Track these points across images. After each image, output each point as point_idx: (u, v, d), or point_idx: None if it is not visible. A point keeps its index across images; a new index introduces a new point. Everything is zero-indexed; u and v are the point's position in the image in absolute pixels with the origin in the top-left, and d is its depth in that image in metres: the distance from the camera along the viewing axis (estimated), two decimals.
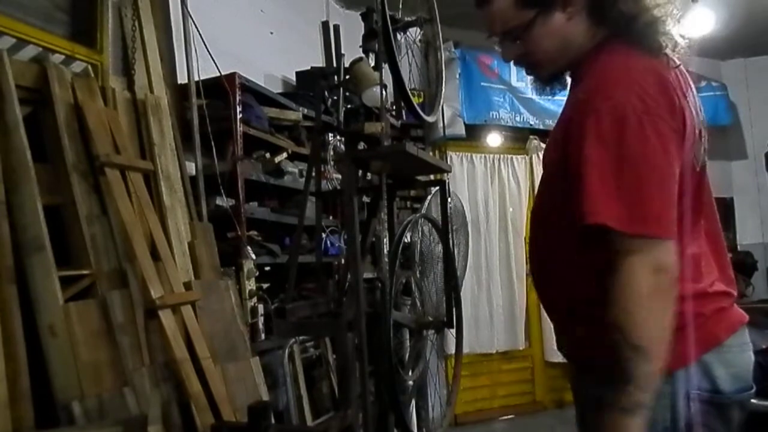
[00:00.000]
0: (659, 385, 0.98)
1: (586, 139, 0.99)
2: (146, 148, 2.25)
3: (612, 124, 0.98)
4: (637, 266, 0.95)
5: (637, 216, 0.96)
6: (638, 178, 0.97)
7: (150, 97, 2.31)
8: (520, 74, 4.70)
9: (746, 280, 4.75)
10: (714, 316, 1.06)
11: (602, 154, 0.98)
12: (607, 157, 0.98)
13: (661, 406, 1.01)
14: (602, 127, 0.98)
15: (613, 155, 0.98)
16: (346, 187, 1.48)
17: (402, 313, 1.83)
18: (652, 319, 0.95)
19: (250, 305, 2.45)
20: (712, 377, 1.03)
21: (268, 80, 3.19)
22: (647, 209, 0.97)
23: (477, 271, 4.51)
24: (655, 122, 0.98)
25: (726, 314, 1.08)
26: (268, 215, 2.73)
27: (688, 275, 1.06)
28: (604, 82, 1.03)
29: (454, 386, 2.03)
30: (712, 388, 1.03)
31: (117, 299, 1.90)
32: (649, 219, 0.96)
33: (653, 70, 1.03)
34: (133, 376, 1.84)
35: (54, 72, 1.96)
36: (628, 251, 0.96)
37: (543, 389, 4.76)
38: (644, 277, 0.95)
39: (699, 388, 1.03)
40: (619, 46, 1.07)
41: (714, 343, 1.04)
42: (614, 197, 0.97)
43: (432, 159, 1.62)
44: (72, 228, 1.93)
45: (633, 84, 1.00)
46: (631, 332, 0.94)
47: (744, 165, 5.31)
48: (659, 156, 0.98)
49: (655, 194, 0.98)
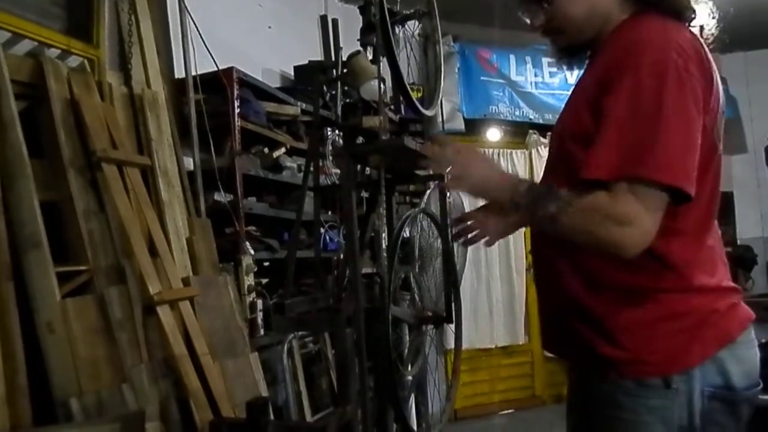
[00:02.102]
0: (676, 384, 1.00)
1: (621, 91, 0.98)
2: (143, 144, 2.24)
3: (651, 77, 0.96)
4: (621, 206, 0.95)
5: (641, 161, 0.95)
6: (665, 129, 0.95)
7: (147, 92, 2.29)
8: (520, 68, 4.69)
9: (746, 275, 4.75)
10: (727, 312, 1.05)
11: (633, 107, 0.97)
12: (638, 110, 0.97)
13: (677, 404, 1.01)
14: (641, 81, 0.97)
15: (645, 109, 0.96)
16: (344, 181, 1.47)
17: (401, 308, 1.82)
18: (580, 235, 1.00)
19: (249, 301, 2.45)
20: (725, 374, 1.02)
21: (266, 75, 3.17)
22: (655, 157, 0.95)
23: (476, 266, 4.50)
24: (692, 81, 0.97)
25: (737, 310, 1.07)
26: (267, 211, 2.72)
27: (707, 268, 1.06)
28: (642, 40, 1.01)
29: (453, 381, 2.02)
30: (725, 384, 1.02)
31: (115, 295, 1.89)
32: (659, 165, 0.95)
33: (689, 36, 1.03)
34: (132, 373, 1.83)
35: (50, 67, 1.94)
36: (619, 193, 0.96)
37: (542, 384, 4.76)
38: (614, 217, 0.95)
39: (713, 385, 1.02)
40: (652, 15, 1.06)
41: (727, 340, 1.03)
42: (622, 149, 0.96)
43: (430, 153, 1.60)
44: (69, 224, 1.91)
45: (671, 42, 0.99)
46: (567, 217, 0.99)
47: (744, 159, 5.29)
48: (692, 112, 0.97)
49: (681, 145, 0.96)
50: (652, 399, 1.02)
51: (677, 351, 1.02)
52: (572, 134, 1.10)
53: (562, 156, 1.14)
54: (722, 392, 1.02)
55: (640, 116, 0.96)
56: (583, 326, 1.10)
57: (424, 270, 2.08)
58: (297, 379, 2.55)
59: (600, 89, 1.03)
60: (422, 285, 1.96)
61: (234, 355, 2.20)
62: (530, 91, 4.67)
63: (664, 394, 1.01)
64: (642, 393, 1.03)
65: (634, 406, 1.03)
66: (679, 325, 1.02)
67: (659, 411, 1.01)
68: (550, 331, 1.22)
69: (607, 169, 0.97)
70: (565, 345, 1.18)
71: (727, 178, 5.33)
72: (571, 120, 1.13)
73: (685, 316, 1.03)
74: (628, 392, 1.04)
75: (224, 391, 2.03)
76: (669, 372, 1.02)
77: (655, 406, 1.02)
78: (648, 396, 1.02)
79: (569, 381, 1.25)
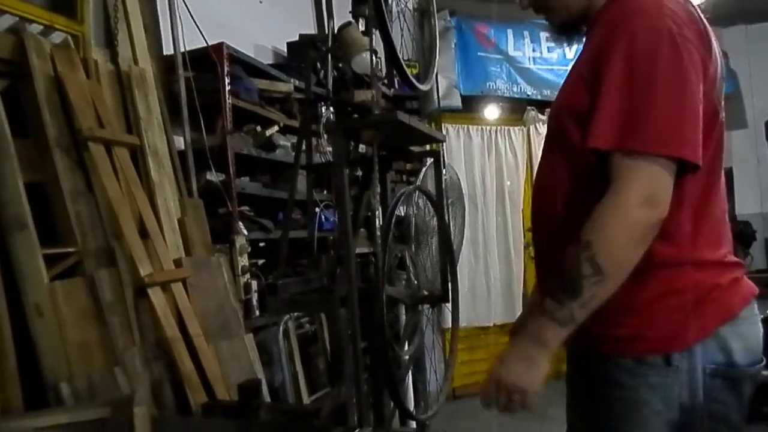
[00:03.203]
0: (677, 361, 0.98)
1: (616, 59, 0.97)
2: (132, 123, 2.18)
3: (646, 44, 0.96)
4: (629, 191, 0.93)
5: (638, 131, 0.93)
6: (662, 96, 0.94)
7: (134, 69, 2.23)
8: (518, 43, 4.60)
9: (744, 251, 4.74)
10: (730, 287, 1.03)
11: (629, 73, 0.95)
12: (633, 77, 0.96)
13: (678, 382, 0.99)
14: (636, 47, 0.96)
15: (641, 75, 0.95)
16: (336, 158, 1.43)
17: (396, 287, 1.79)
18: (626, 251, 0.94)
19: (243, 282, 2.41)
20: (727, 350, 1.00)
21: (258, 51, 3.10)
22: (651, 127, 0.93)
23: (474, 244, 4.47)
24: (688, 46, 0.96)
25: (740, 285, 1.05)
26: (260, 190, 2.68)
27: (710, 241, 1.03)
28: (634, 10, 1.01)
29: (450, 360, 2.00)
30: (727, 361, 1.00)
31: (105, 277, 1.85)
32: (657, 135, 0.93)
33: (682, 3, 1.02)
34: (124, 356, 1.80)
35: (32, 43, 1.88)
36: (623, 171, 0.94)
37: None
38: (633, 205, 0.92)
39: (714, 362, 1.00)
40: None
41: (729, 316, 1.01)
42: (623, 116, 0.95)
43: (425, 128, 1.56)
44: (56, 205, 1.87)
45: (664, 8, 0.98)
46: (599, 254, 0.93)
47: (744, 135, 5.24)
48: (691, 76, 0.95)
49: (680, 111, 0.94)
50: (653, 377, 1.00)
51: (678, 328, 1.00)
52: (567, 110, 1.09)
53: (558, 132, 1.12)
54: (724, 369, 1.00)
55: (635, 83, 0.95)
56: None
57: (420, 249, 2.04)
58: (293, 360, 2.53)
59: (594, 63, 1.02)
60: (418, 264, 1.92)
61: (228, 336, 2.18)
62: (528, 66, 4.59)
63: (665, 372, 1.00)
64: (642, 371, 1.01)
65: (635, 384, 1.01)
66: (680, 301, 1.00)
67: (660, 389, 1.00)
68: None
69: (603, 138, 0.96)
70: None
71: (726, 154, 5.34)
72: (566, 96, 1.11)
73: (686, 291, 1.00)
74: (629, 370, 1.02)
75: (219, 373, 2.01)
76: (670, 349, 1.00)
77: (656, 384, 1.00)
78: (648, 374, 1.00)
79: (569, 361, 1.24)
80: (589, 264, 0.93)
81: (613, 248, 0.93)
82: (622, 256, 0.94)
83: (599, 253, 0.93)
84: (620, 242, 0.93)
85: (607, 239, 0.93)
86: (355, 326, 1.40)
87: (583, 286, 0.94)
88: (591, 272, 0.93)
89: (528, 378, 1.00)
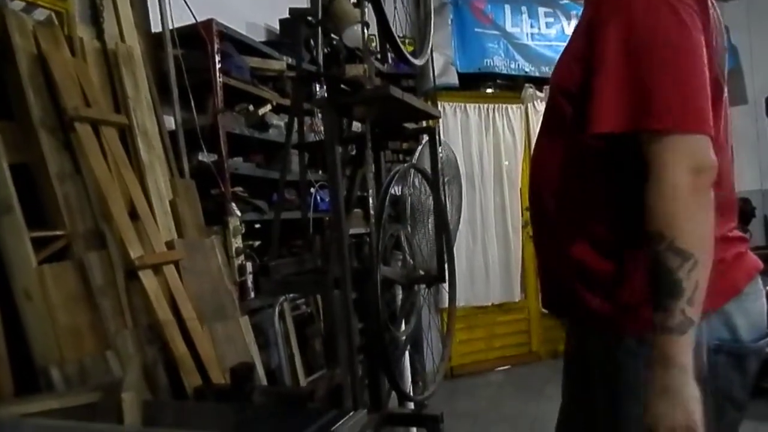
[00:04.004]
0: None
1: (612, 35, 0.92)
2: (120, 102, 2.13)
3: (644, 13, 0.90)
4: (672, 165, 0.86)
5: (661, 108, 0.87)
6: (665, 71, 0.88)
7: (121, 46, 2.17)
8: (515, 19, 4.52)
9: (744, 227, 4.72)
10: (734, 262, 1.01)
11: (627, 48, 0.90)
12: (634, 48, 0.90)
13: None
14: (633, 19, 0.91)
15: (642, 49, 0.90)
16: (328, 135, 1.39)
17: (392, 268, 1.76)
18: (698, 221, 0.87)
19: (238, 264, 2.38)
20: (732, 327, 0.98)
21: (250, 29, 3.03)
22: (673, 99, 0.88)
23: (472, 224, 4.45)
24: (689, 12, 0.90)
25: (744, 260, 1.03)
26: (254, 171, 2.63)
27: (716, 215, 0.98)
28: None
29: (447, 341, 1.98)
30: (732, 337, 0.98)
31: (95, 260, 1.82)
32: (675, 110, 0.87)
33: None
34: (116, 340, 1.78)
35: (13, 20, 1.82)
36: (658, 151, 0.87)
37: (539, 340, 4.78)
38: (682, 176, 0.86)
39: (719, 338, 0.97)
40: None
41: (734, 292, 0.99)
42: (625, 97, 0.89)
43: (419, 104, 1.51)
44: (43, 187, 1.83)
45: None
46: (676, 237, 0.85)
47: (744, 110, 5.18)
48: (694, 42, 0.89)
49: (687, 80, 0.88)
50: None
51: None
52: (561, 87, 1.05)
53: (554, 110, 1.09)
54: (729, 345, 0.98)
55: (638, 57, 0.90)
56: (583, 283, 1.04)
57: (416, 229, 2.01)
58: (289, 342, 2.51)
59: (588, 37, 0.97)
60: (414, 244, 1.89)
61: (223, 318, 2.15)
62: (526, 42, 4.52)
63: None
64: (644, 351, 0.96)
65: (636, 364, 0.98)
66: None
67: None
68: (551, 290, 1.17)
69: (615, 121, 0.91)
70: (565, 303, 1.12)
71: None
72: (561, 72, 1.08)
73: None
74: (629, 350, 1.00)
75: (213, 355, 1.99)
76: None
77: None
78: (650, 353, 0.95)
79: (567, 340, 1.22)
80: (673, 253, 0.86)
81: (685, 225, 0.86)
82: (697, 228, 0.87)
83: (677, 238, 0.86)
84: (689, 216, 0.86)
85: (674, 220, 0.86)
86: (348, 307, 1.37)
87: (680, 279, 0.86)
88: (679, 261, 0.86)
89: (677, 412, 0.86)
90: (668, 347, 0.86)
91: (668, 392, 0.86)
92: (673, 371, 0.86)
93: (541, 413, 3.48)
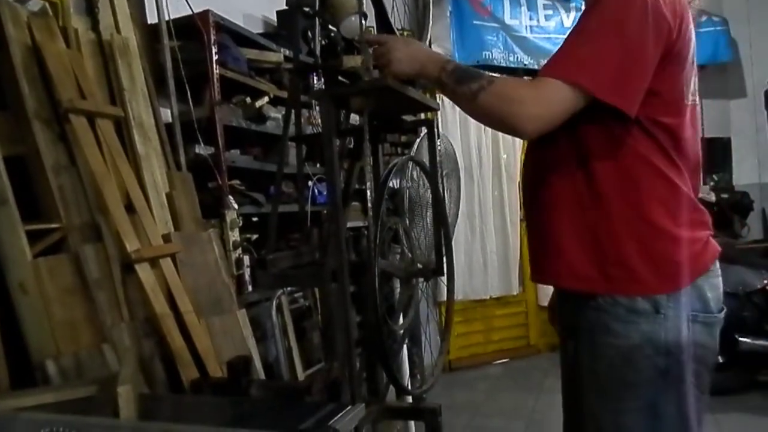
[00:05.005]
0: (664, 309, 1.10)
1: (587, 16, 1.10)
2: (116, 94, 2.11)
3: (618, 7, 1.05)
4: (548, 99, 1.06)
5: (565, 63, 1.08)
6: (609, 48, 1.04)
7: (117, 37, 2.15)
8: (514, 11, 4.50)
9: (742, 221, 4.71)
10: (706, 244, 1.18)
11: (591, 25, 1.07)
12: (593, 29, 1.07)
13: (665, 329, 1.09)
14: (608, 7, 1.06)
15: (601, 29, 1.06)
16: (325, 127, 1.37)
17: (390, 261, 1.75)
18: (493, 108, 1.10)
19: (235, 257, 2.37)
20: (704, 299, 1.15)
21: (247, 20, 3.01)
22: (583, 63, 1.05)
23: (470, 217, 4.44)
24: (659, 21, 1.05)
25: (711, 243, 1.19)
26: (251, 163, 2.62)
27: (693, 204, 1.17)
28: None
29: (445, 334, 1.98)
30: (704, 308, 1.15)
31: (91, 254, 1.81)
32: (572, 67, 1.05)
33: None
34: (112, 333, 1.77)
35: (6, 10, 1.80)
36: (557, 87, 1.05)
37: (537, 333, 4.78)
38: (527, 102, 1.06)
39: (694, 309, 1.13)
40: None
41: (704, 269, 1.16)
42: (565, 55, 1.09)
43: (417, 95, 1.50)
44: (38, 180, 1.81)
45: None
46: (488, 91, 1.10)
47: (743, 104, 5.17)
48: (647, 45, 1.04)
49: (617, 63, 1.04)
50: (643, 324, 1.10)
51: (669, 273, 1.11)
52: None
53: None
54: (703, 315, 1.14)
55: (593, 32, 1.07)
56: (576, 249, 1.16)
57: (414, 222, 2.00)
58: (287, 335, 2.51)
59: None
60: (412, 237, 1.88)
61: (220, 312, 2.14)
62: (525, 35, 4.50)
63: (654, 318, 1.10)
64: (633, 318, 1.10)
65: (627, 331, 1.10)
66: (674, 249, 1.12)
67: (649, 335, 1.10)
68: (539, 258, 1.30)
69: (547, 69, 1.09)
70: (555, 269, 1.22)
71: (725, 124, 5.29)
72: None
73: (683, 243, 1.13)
74: (619, 318, 1.11)
75: (210, 349, 1.98)
76: (660, 291, 1.10)
77: (646, 330, 1.10)
78: (639, 321, 1.10)
79: (560, 312, 1.36)
80: (478, 87, 1.11)
81: (489, 103, 1.10)
82: (487, 114, 1.13)
83: (484, 95, 1.11)
84: (491, 108, 1.10)
85: (492, 97, 1.10)
86: (346, 301, 1.36)
87: (468, 85, 1.12)
88: (476, 88, 1.11)
89: (402, 65, 1.27)
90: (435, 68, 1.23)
91: (414, 59, 1.27)
92: (422, 68, 1.27)
93: (540, 406, 3.49)
